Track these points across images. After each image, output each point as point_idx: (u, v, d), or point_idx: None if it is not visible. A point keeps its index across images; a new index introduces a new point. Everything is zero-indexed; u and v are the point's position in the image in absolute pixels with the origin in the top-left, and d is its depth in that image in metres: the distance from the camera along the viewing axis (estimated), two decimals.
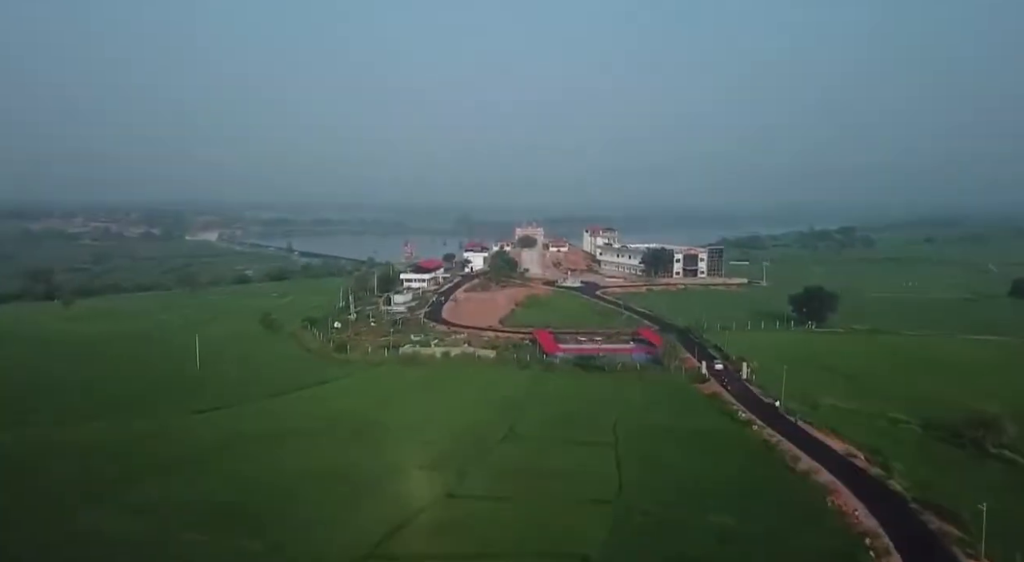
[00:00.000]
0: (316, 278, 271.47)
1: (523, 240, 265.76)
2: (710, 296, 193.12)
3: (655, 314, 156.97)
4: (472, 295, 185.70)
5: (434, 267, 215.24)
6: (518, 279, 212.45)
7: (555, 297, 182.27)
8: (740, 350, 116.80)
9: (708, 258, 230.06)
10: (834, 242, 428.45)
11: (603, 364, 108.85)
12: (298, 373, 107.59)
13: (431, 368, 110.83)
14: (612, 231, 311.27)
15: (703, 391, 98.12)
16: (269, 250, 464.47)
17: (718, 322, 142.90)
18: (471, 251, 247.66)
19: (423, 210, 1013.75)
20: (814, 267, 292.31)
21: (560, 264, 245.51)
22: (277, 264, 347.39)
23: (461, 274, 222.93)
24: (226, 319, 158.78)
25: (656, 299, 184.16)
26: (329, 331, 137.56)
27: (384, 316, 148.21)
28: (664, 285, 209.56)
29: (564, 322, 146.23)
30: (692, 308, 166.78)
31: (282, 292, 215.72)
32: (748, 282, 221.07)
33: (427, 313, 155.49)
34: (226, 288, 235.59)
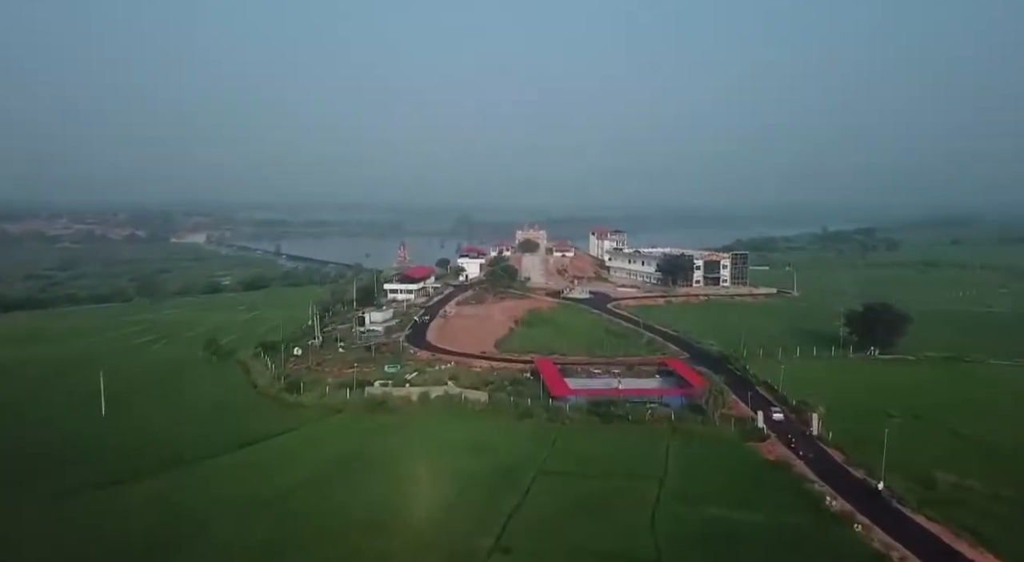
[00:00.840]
0: (296, 286, 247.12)
1: (524, 244, 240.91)
2: (739, 310, 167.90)
3: (680, 335, 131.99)
4: (465, 309, 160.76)
5: (423, 276, 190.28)
6: (518, 289, 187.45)
7: (560, 312, 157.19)
8: (797, 388, 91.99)
9: (731, 264, 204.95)
10: (855, 244, 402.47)
11: (626, 410, 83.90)
12: (227, 425, 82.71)
13: (403, 417, 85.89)
14: (620, 233, 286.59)
15: (765, 455, 73.01)
16: (256, 254, 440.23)
17: (759, 346, 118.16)
18: (466, 257, 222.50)
19: (422, 210, 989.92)
20: (841, 272, 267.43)
21: (565, 271, 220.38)
22: (259, 269, 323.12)
23: (454, 283, 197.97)
24: (172, 341, 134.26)
25: (678, 314, 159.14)
26: (286, 360, 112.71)
27: (357, 339, 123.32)
28: (684, 296, 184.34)
29: (572, 346, 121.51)
30: (722, 326, 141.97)
31: (252, 304, 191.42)
32: (777, 292, 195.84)
33: (409, 334, 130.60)
34: (192, 299, 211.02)
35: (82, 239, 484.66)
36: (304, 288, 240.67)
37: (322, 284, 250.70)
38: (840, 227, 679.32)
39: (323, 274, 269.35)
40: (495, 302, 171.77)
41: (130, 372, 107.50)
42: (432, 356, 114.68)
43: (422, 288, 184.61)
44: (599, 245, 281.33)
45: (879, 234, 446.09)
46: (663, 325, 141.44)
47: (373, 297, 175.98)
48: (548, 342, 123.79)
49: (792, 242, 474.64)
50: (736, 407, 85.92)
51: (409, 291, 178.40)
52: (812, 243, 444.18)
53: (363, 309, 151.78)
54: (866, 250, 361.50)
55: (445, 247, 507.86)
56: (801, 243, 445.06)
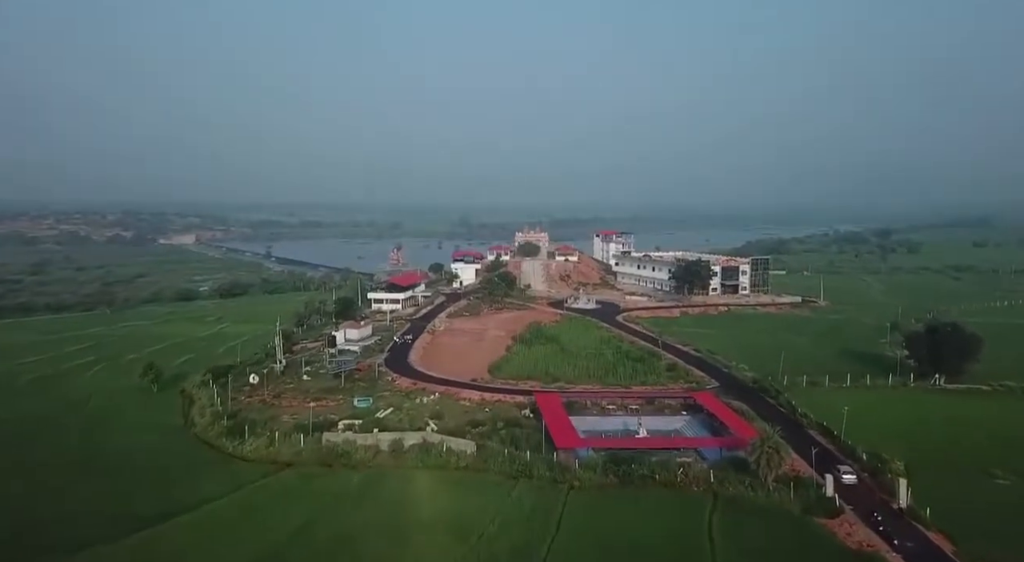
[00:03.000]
0: (277, 293, 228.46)
1: (524, 247, 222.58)
2: (764, 323, 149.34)
3: (705, 355, 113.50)
4: (456, 323, 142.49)
5: (412, 283, 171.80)
6: (517, 298, 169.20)
7: (565, 326, 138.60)
8: (860, 431, 73.65)
9: (751, 270, 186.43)
10: (872, 246, 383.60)
11: (651, 467, 65.48)
12: (139, 489, 64.30)
13: (367, 476, 67.55)
14: (627, 236, 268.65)
15: (842, 539, 54.55)
16: (245, 256, 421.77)
17: (799, 371, 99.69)
18: (460, 262, 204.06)
19: (422, 210, 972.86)
20: (866, 278, 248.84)
21: (569, 277, 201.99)
22: (244, 273, 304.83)
23: (446, 292, 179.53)
24: (114, 362, 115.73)
25: (697, 328, 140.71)
26: (240, 389, 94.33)
27: (327, 362, 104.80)
28: (701, 306, 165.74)
29: (579, 370, 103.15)
30: (750, 344, 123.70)
31: (223, 314, 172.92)
32: (802, 300, 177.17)
33: (390, 356, 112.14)
34: (160, 307, 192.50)
35: (65, 240, 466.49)
36: (286, 295, 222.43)
37: (306, 290, 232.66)
38: (847, 228, 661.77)
39: (308, 279, 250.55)
40: (491, 314, 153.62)
41: (44, 407, 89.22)
42: (414, 385, 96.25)
43: (410, 297, 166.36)
44: (604, 248, 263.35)
45: (896, 236, 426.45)
46: (683, 343, 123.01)
47: (356, 307, 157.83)
48: (551, 365, 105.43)
49: (804, 243, 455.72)
50: (793, 466, 67.07)
51: (396, 301, 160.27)
52: (826, 245, 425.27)
53: (339, 323, 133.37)
54: (885, 253, 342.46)
55: (443, 249, 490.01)
56: (814, 245, 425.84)
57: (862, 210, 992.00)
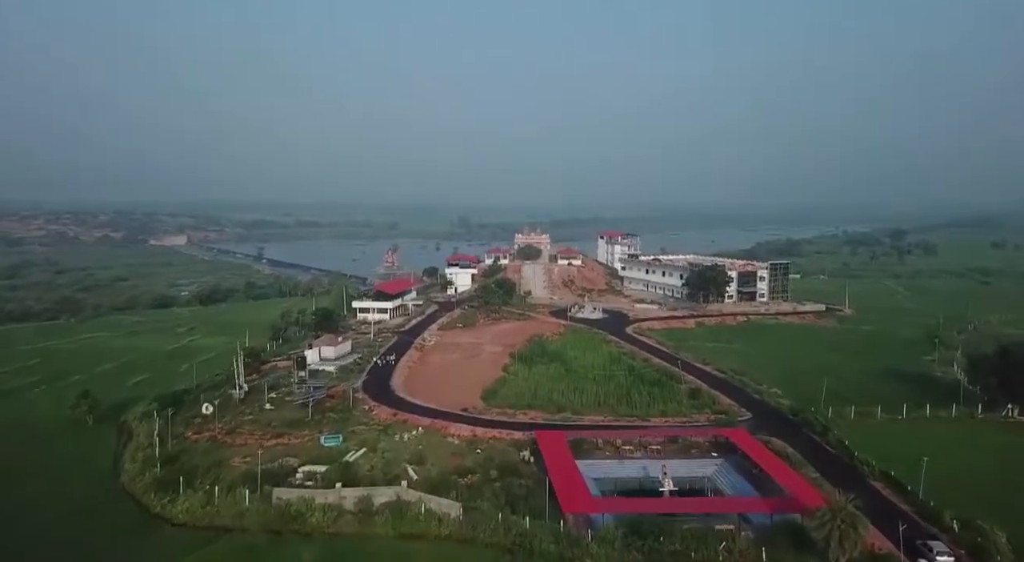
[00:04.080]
0: (261, 299, 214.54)
1: (524, 250, 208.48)
2: (790, 336, 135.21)
3: (730, 377, 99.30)
4: (449, 336, 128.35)
5: (401, 291, 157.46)
6: (516, 307, 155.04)
7: (570, 340, 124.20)
8: (940, 485, 59.44)
9: (769, 276, 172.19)
10: (886, 248, 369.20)
11: (684, 540, 51.28)
12: None
13: (324, 548, 53.44)
14: (633, 237, 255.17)
15: None
16: (236, 258, 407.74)
17: (843, 397, 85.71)
18: (455, 266, 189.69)
19: (421, 210, 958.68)
20: (887, 283, 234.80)
21: (572, 283, 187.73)
22: (231, 277, 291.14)
23: (438, 300, 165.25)
24: (59, 383, 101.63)
25: (716, 342, 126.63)
26: (190, 421, 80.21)
27: (294, 388, 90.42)
28: (718, 316, 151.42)
29: (587, 397, 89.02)
30: (779, 361, 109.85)
31: (196, 324, 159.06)
32: (825, 309, 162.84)
33: (369, 378, 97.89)
34: (130, 316, 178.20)
35: (51, 241, 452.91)
36: (270, 302, 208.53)
37: (292, 295, 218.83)
38: (853, 227, 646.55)
39: (294, 284, 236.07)
40: (488, 325, 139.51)
41: None
42: (394, 416, 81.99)
43: (400, 306, 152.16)
44: (609, 250, 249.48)
45: (910, 236, 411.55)
46: (703, 360, 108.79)
47: (338, 317, 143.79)
48: (555, 391, 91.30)
49: (813, 244, 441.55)
50: (872, 545, 52.53)
51: (383, 310, 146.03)
52: (837, 246, 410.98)
53: (319, 336, 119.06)
54: (901, 254, 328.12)
55: (441, 250, 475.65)
56: (824, 246, 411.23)
57: (864, 209, 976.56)
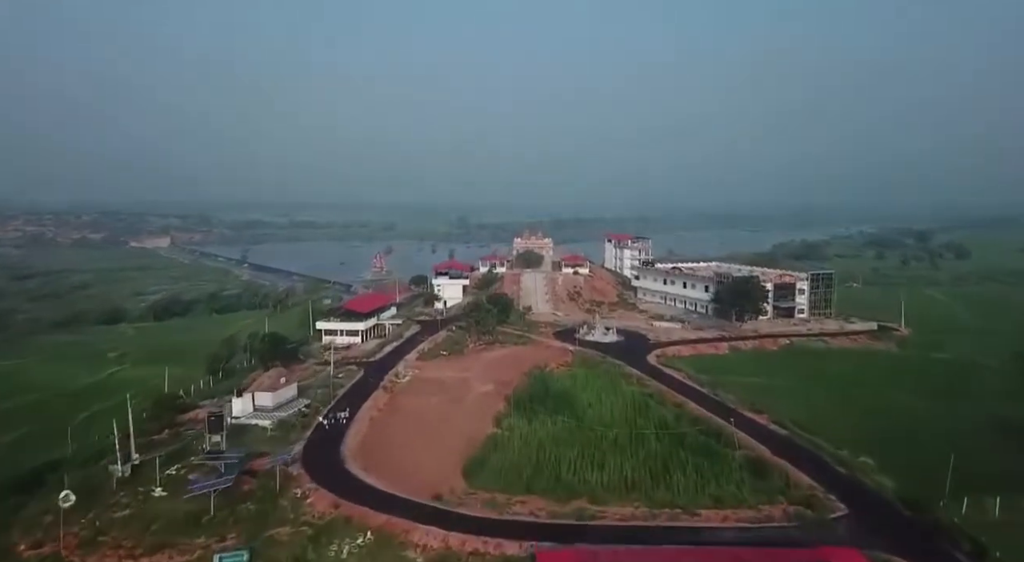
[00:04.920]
0: (227, 312, 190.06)
1: (524, 257, 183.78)
2: (848, 366, 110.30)
3: (795, 434, 74.51)
4: (429, 369, 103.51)
5: (376, 308, 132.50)
6: (515, 325, 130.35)
7: (580, 375, 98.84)
8: None
9: (811, 288, 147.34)
10: (913, 250, 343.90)
11: None
12: None
13: None
14: (644, 240, 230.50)
15: None
16: (217, 262, 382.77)
17: (968, 476, 60.76)
18: (444, 276, 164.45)
19: (418, 210, 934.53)
20: (931, 292, 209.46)
21: (579, 295, 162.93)
22: (204, 283, 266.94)
23: (422, 319, 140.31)
24: None
25: (759, 374, 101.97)
26: (37, 519, 55.69)
27: (207, 457, 65.68)
28: (755, 338, 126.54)
29: (609, 474, 64.24)
30: (850, 406, 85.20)
31: (136, 346, 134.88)
32: (877, 327, 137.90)
33: (314, 439, 73.03)
34: (62, 337, 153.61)
35: (26, 243, 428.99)
36: (237, 315, 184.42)
37: (263, 307, 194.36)
38: (865, 228, 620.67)
39: (264, 294, 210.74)
40: (478, 351, 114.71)
41: None
42: (335, 509, 57.35)
43: (376, 326, 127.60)
44: (617, 255, 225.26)
45: (937, 237, 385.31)
46: (753, 406, 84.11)
47: (301, 342, 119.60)
48: (563, 462, 66.53)
49: (831, 245, 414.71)
50: None
51: (353, 332, 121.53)
52: (859, 249, 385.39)
53: (264, 370, 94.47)
54: (933, 258, 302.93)
55: (437, 252, 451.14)
56: (845, 249, 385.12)
57: (873, 209, 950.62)
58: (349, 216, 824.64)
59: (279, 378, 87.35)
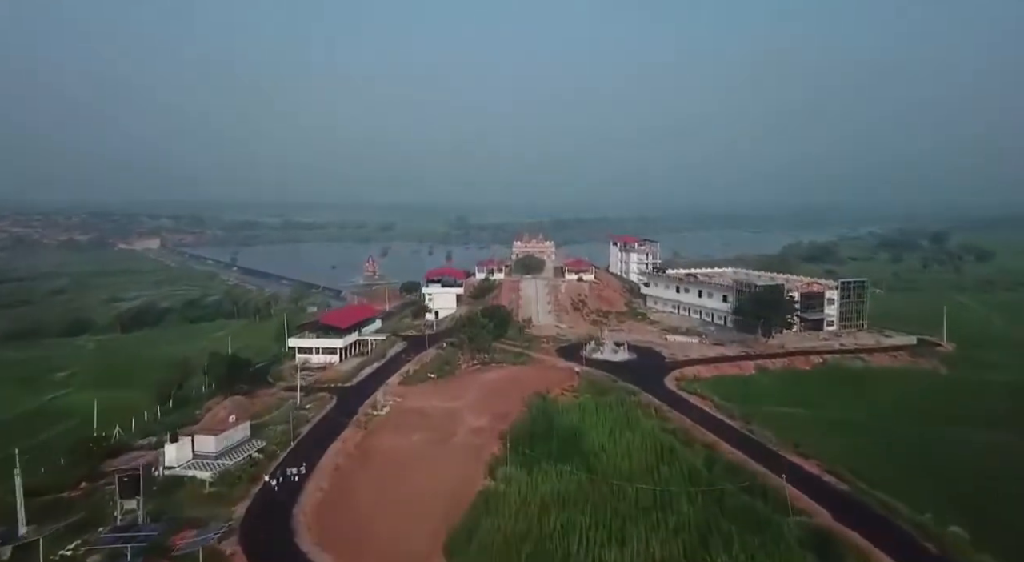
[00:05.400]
0: (200, 323, 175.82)
1: (524, 262, 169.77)
2: (895, 388, 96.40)
3: (856, 490, 60.37)
4: (413, 397, 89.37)
5: (357, 322, 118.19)
6: (514, 340, 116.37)
7: (589, 405, 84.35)
8: None
9: (841, 298, 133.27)
10: (931, 252, 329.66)
11: None
12: None
13: None
14: (652, 243, 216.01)
15: None
16: (205, 265, 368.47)
17: None
18: (436, 284, 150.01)
19: (416, 210, 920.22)
20: (958, 297, 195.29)
21: (585, 304, 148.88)
22: (184, 289, 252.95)
23: (411, 333, 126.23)
24: None
25: (795, 402, 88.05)
26: None
27: (112, 525, 51.62)
28: (784, 355, 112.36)
29: (632, 551, 49.99)
30: (913, 446, 71.06)
31: (86, 366, 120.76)
32: (917, 342, 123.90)
33: (261, 499, 58.84)
34: (14, 352, 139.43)
35: (10, 245, 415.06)
36: (213, 325, 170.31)
37: (242, 316, 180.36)
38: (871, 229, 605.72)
39: (245, 302, 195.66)
40: (472, 373, 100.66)
41: None
42: None
43: (357, 342, 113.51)
44: (623, 259, 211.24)
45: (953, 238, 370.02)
46: (796, 446, 70.11)
47: (278, 358, 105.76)
48: (572, 530, 52.35)
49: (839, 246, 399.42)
50: None
51: (331, 350, 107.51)
52: (872, 250, 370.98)
53: (222, 400, 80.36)
54: (954, 261, 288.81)
55: (434, 254, 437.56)
56: (858, 251, 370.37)
57: (873, 209, 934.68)
58: (347, 216, 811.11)
59: (228, 415, 73.11)
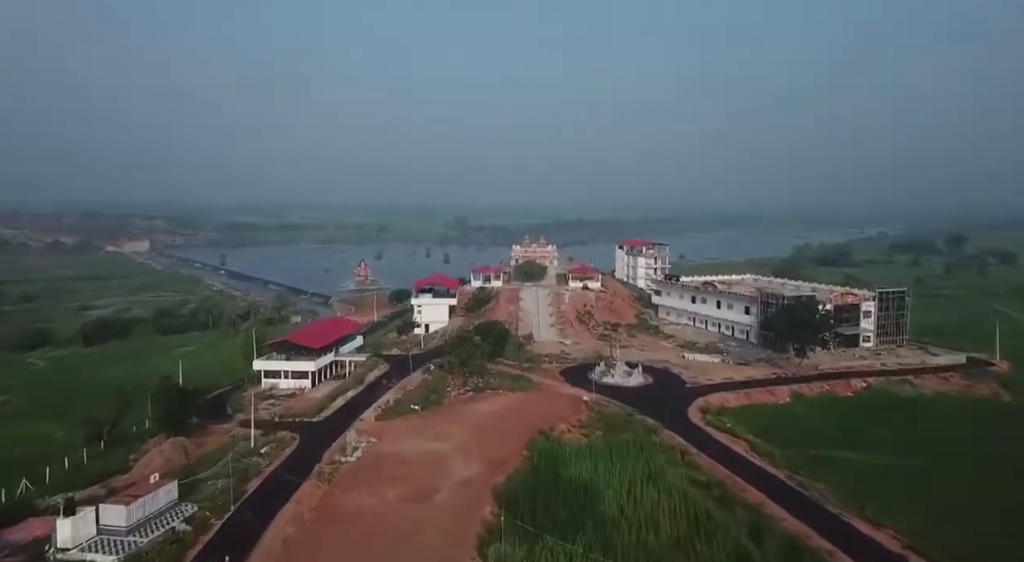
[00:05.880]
0: (171, 335, 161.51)
1: (524, 269, 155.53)
2: (958, 422, 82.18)
3: None
4: (390, 436, 74.94)
5: (333, 341, 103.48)
6: (511, 360, 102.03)
7: (601, 448, 69.87)
8: None
9: (879, 310, 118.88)
10: (952, 256, 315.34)
11: None
12: None
13: None
14: (661, 246, 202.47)
15: None
16: (193, 268, 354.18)
17: None
18: (426, 294, 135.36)
19: (416, 211, 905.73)
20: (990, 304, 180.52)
21: (591, 315, 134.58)
22: (165, 295, 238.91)
23: (392, 351, 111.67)
24: None
25: (847, 442, 73.69)
26: None
27: None
28: (820, 379, 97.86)
29: None
30: (1009, 510, 56.55)
31: (25, 391, 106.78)
32: (967, 361, 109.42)
33: None
34: None
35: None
36: (185, 337, 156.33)
37: (216, 327, 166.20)
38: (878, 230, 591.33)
39: (220, 312, 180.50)
40: (462, 403, 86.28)
41: None
42: None
43: (332, 364, 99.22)
44: (630, 264, 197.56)
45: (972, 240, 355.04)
46: (861, 509, 56.01)
47: (241, 382, 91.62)
48: None
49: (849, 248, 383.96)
50: None
51: (301, 374, 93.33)
52: (887, 253, 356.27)
53: (163, 440, 66.14)
54: (976, 264, 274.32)
55: (431, 256, 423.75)
56: (873, 254, 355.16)
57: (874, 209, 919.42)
58: (345, 217, 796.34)
59: (163, 462, 58.74)
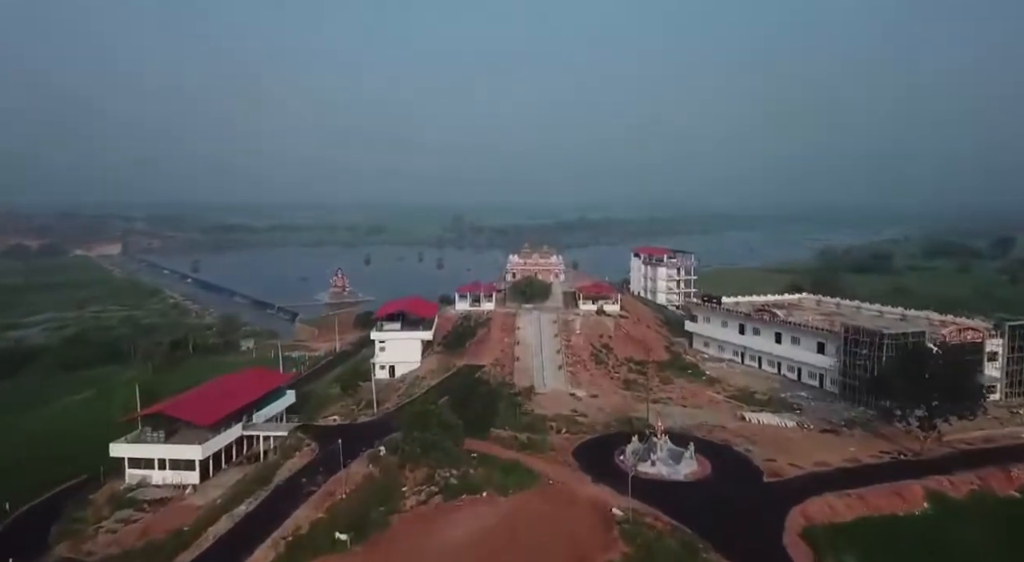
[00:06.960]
0: (75, 371, 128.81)
1: (523, 287, 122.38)
2: None
3: None
4: None
5: (245, 405, 71.12)
6: (505, 431, 69.72)
7: None
8: None
9: (1006, 349, 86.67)
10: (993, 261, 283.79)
11: None
12: None
13: None
14: (685, 255, 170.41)
15: None
16: (161, 275, 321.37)
17: None
18: (392, 325, 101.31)
19: (413, 211, 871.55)
20: None
21: (611, 351, 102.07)
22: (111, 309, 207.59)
23: (326, 423, 79.18)
24: None
25: None
26: None
27: None
28: (966, 468, 65.55)
29: None
30: None
31: None
32: None
33: None
34: None
35: None
36: (95, 372, 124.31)
37: (137, 358, 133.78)
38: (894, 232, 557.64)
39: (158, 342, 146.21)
40: (419, 523, 53.88)
41: None
42: None
43: (233, 444, 66.94)
44: (649, 275, 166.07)
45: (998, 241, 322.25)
46: None
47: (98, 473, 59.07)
48: None
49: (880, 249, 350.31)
50: None
51: (184, 464, 61.56)
52: (923, 257, 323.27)
53: None
54: None
55: (424, 261, 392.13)
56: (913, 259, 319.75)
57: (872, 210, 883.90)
58: (338, 217, 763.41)
59: None
